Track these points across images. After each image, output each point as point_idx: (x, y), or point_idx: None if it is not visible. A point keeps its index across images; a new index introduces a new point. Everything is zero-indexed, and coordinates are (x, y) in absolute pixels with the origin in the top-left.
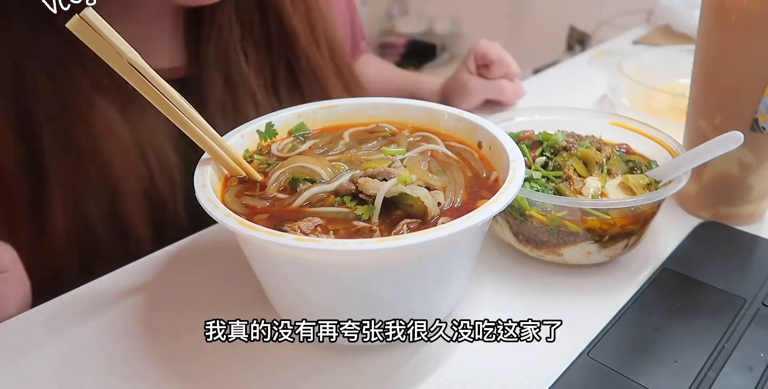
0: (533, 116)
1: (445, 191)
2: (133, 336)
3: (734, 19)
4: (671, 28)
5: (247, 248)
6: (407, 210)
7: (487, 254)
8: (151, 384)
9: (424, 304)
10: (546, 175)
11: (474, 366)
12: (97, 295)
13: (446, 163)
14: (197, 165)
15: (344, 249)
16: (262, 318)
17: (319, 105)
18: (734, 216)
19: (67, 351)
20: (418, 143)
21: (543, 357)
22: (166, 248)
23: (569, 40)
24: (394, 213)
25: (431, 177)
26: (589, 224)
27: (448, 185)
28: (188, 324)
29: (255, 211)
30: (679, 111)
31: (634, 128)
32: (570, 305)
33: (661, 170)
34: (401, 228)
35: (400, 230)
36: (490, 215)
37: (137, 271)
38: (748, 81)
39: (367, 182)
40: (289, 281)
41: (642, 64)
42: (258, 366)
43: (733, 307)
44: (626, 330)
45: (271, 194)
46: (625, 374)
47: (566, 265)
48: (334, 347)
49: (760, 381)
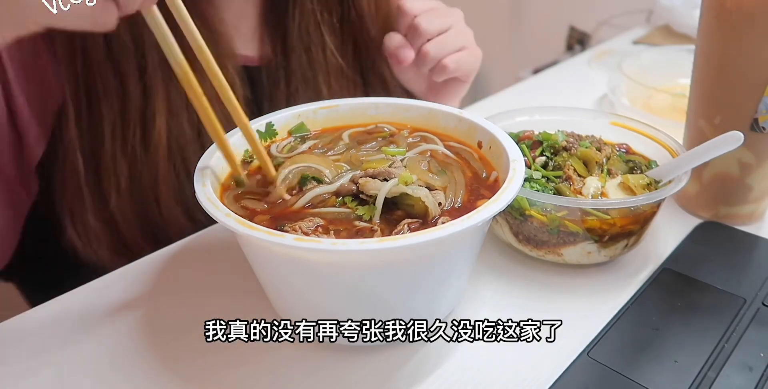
0: (533, 116)
1: (446, 191)
2: (133, 335)
3: (734, 19)
4: (671, 28)
5: (247, 248)
6: (408, 210)
7: (487, 254)
8: (152, 384)
9: (424, 304)
10: (546, 175)
11: (474, 366)
12: (98, 295)
13: (446, 163)
14: (197, 165)
15: (344, 249)
16: (262, 318)
17: (319, 105)
18: (734, 216)
19: (66, 351)
20: (417, 143)
21: (543, 357)
22: (166, 248)
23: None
24: (395, 213)
25: (431, 177)
26: (589, 224)
27: (448, 185)
28: (188, 324)
29: (255, 213)
30: (679, 111)
31: (634, 128)
32: (570, 305)
33: (661, 170)
34: (402, 228)
35: (401, 230)
36: (490, 215)
37: (137, 271)
38: (748, 81)
39: (368, 183)
40: (289, 281)
41: (642, 64)
42: (258, 366)
43: (733, 307)
44: (626, 330)
45: (280, 194)
46: (625, 374)
47: (566, 265)
48: (334, 347)
49: (760, 381)
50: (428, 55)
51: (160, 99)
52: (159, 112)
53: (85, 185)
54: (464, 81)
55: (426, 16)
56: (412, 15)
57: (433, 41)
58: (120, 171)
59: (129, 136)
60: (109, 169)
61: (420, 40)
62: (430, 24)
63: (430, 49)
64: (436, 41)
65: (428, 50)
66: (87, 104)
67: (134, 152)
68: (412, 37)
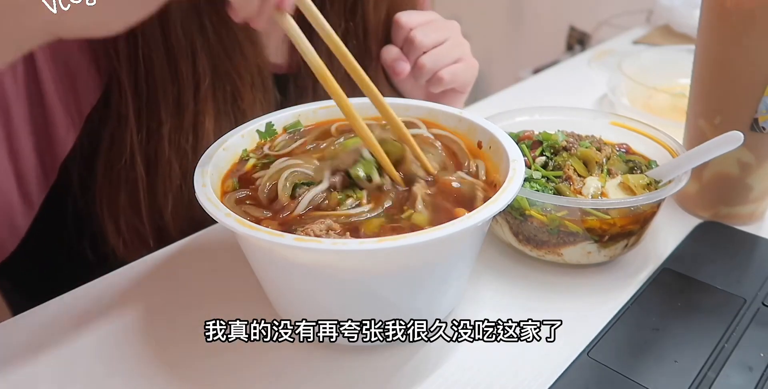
0: (533, 116)
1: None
2: (133, 335)
3: (734, 19)
4: (671, 28)
5: (247, 248)
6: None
7: (487, 254)
8: (151, 384)
9: (424, 304)
10: (546, 175)
11: (474, 366)
12: (97, 295)
13: (428, 143)
14: (197, 165)
15: (344, 249)
16: (262, 318)
17: (319, 105)
18: (734, 216)
19: (66, 351)
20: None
21: (543, 357)
22: (166, 248)
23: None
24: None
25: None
26: (589, 224)
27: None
28: (188, 324)
29: (259, 220)
30: (679, 111)
31: (634, 128)
32: (570, 305)
33: (661, 170)
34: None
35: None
36: (490, 215)
37: (137, 271)
38: (748, 81)
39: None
40: (289, 281)
41: (642, 64)
42: (258, 366)
43: (733, 307)
44: (626, 330)
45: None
46: (625, 374)
47: (566, 265)
48: (334, 347)
49: (759, 381)
50: (424, 68)
51: (210, 101)
52: (208, 114)
53: (144, 190)
54: (461, 92)
55: (421, 29)
56: (408, 28)
57: (428, 54)
58: (174, 175)
59: (182, 140)
60: (165, 174)
61: (416, 53)
62: (426, 37)
63: (426, 61)
64: (431, 54)
65: (424, 63)
66: (147, 111)
67: (186, 156)
68: (408, 50)
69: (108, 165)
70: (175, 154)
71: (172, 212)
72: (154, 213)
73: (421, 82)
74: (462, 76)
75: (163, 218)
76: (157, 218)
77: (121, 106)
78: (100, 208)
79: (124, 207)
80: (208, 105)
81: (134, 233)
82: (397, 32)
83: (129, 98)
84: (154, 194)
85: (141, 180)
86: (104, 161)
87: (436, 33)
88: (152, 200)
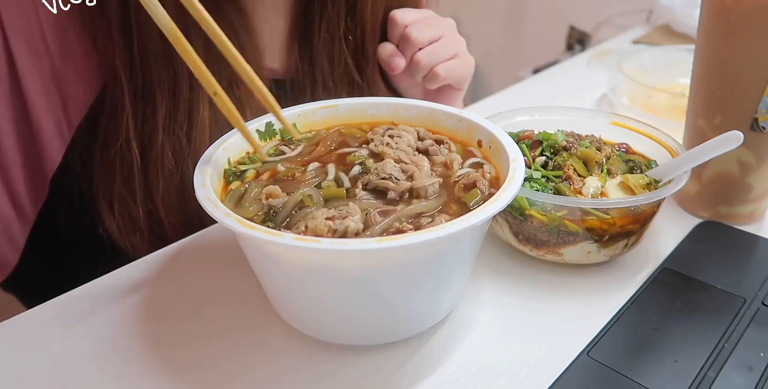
0: (533, 116)
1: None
2: (133, 336)
3: (734, 19)
4: (671, 27)
5: (247, 248)
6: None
7: (487, 254)
8: (151, 384)
9: (425, 304)
10: (546, 175)
11: (474, 366)
12: (97, 295)
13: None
14: (197, 165)
15: (344, 249)
16: (261, 317)
17: (319, 105)
18: (734, 216)
19: (66, 351)
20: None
21: (543, 357)
22: (166, 248)
23: (569, 40)
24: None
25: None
26: (589, 224)
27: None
28: (188, 324)
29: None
30: (679, 111)
31: (634, 128)
32: (570, 305)
33: (661, 169)
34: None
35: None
36: (490, 215)
37: (137, 271)
38: (748, 81)
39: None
40: (288, 280)
41: (642, 64)
42: (258, 367)
43: (733, 307)
44: (626, 330)
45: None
46: (625, 374)
47: (566, 265)
48: (335, 346)
49: (759, 381)
50: (419, 64)
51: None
52: (203, 102)
53: (137, 174)
54: (458, 88)
55: (416, 25)
56: (403, 25)
57: (424, 50)
58: (167, 161)
59: (177, 127)
60: (158, 159)
61: (411, 49)
62: (421, 33)
63: (421, 57)
64: (427, 50)
65: (419, 59)
66: (142, 98)
67: (180, 142)
68: (403, 47)
69: (104, 148)
70: (168, 140)
71: (163, 196)
72: (146, 197)
73: (418, 78)
74: (458, 72)
75: (154, 201)
76: (148, 201)
77: (116, 93)
78: (97, 190)
79: (119, 189)
80: (203, 93)
81: (127, 216)
82: (392, 29)
83: (125, 85)
84: (147, 178)
85: (136, 164)
86: (101, 144)
87: (432, 30)
88: (145, 184)
